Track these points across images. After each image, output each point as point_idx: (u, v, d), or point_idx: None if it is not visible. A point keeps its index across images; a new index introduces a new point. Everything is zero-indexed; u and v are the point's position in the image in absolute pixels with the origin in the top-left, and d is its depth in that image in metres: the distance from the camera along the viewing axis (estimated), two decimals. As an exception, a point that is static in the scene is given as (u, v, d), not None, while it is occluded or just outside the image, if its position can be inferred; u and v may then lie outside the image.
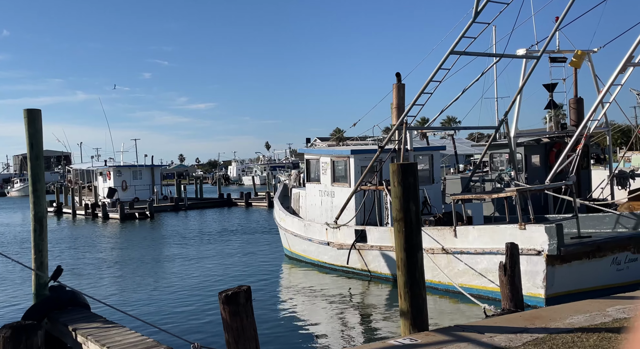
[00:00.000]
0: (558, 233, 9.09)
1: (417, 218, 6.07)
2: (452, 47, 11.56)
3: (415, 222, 6.06)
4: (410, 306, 5.97)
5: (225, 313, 4.91)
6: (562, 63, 17.06)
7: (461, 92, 13.80)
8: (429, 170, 15.30)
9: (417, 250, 6.05)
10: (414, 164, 6.20)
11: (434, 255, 11.24)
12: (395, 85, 14.56)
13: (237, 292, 4.94)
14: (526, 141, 16.46)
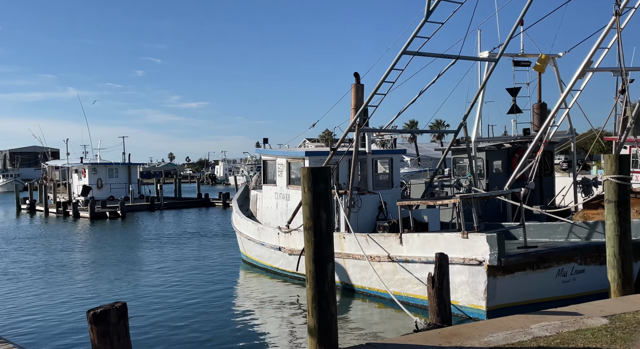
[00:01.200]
0: (499, 243, 8.73)
1: (327, 227, 5.63)
2: (405, 47, 11.19)
3: (326, 231, 5.62)
4: (318, 322, 5.52)
5: (93, 334, 4.40)
6: (526, 67, 16.86)
7: (418, 94, 13.47)
8: (389, 174, 14.93)
9: (327, 261, 5.60)
10: (327, 169, 5.76)
11: (380, 262, 10.84)
12: (354, 85, 14.17)
13: (108, 310, 4.43)
14: (487, 146, 16.18)
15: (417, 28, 10.95)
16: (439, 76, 12.99)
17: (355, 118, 12.19)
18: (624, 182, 7.98)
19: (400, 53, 11.20)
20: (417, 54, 11.48)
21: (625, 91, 13.47)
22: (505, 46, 12.77)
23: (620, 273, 7.93)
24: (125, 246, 21.91)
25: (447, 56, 12.21)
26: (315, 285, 5.55)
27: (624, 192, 7.98)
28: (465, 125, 14.00)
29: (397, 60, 11.33)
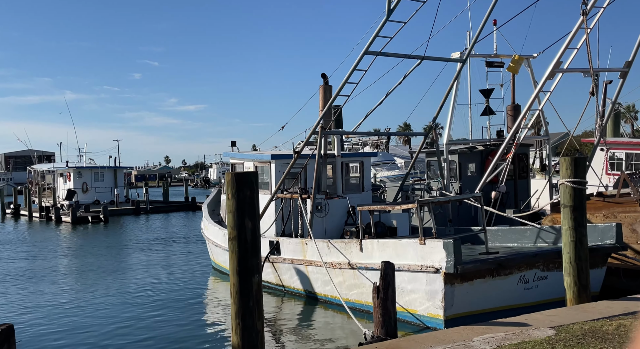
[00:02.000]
0: (455, 250, 8.45)
1: (253, 237, 5.32)
2: (367, 47, 10.91)
3: (251, 241, 5.30)
4: (242, 340, 5.20)
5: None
6: (499, 68, 16.67)
7: (385, 96, 13.18)
8: (359, 177, 14.63)
9: (252, 274, 5.29)
10: (252, 174, 5.44)
11: (342, 270, 10.53)
12: (322, 86, 13.87)
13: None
14: (460, 148, 15.95)
15: (379, 27, 10.69)
16: (404, 77, 12.74)
17: (319, 121, 11.89)
18: (579, 186, 7.74)
19: (362, 53, 10.93)
20: (380, 54, 11.21)
21: (595, 92, 13.28)
22: (471, 47, 12.53)
23: (576, 281, 7.69)
24: (95, 253, 21.42)
25: (411, 56, 11.95)
26: (239, 300, 5.23)
27: (580, 197, 7.74)
28: (434, 127, 13.74)
29: (359, 60, 11.06)
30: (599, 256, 9.88)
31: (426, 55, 11.99)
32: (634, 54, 14.03)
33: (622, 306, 7.07)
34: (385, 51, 11.47)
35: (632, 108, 63.22)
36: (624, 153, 18.69)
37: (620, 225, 9.85)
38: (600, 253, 9.73)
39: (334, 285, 10.35)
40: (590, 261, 10.04)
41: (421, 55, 11.93)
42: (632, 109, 62.92)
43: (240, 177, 5.33)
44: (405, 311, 9.42)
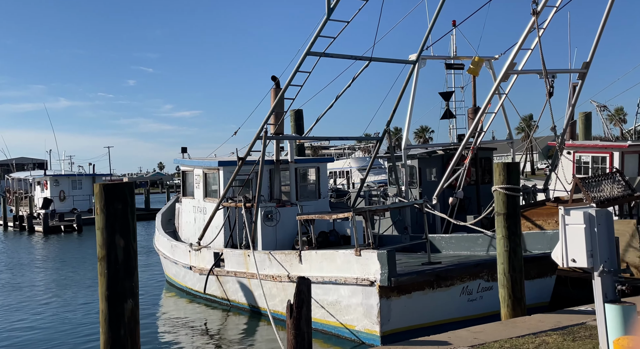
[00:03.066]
0: (389, 261, 7.95)
1: (126, 257, 4.78)
2: (308, 48, 10.44)
3: (123, 262, 4.77)
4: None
5: None
6: (459, 70, 16.32)
7: (335, 99, 12.71)
8: (315, 184, 14.13)
9: (124, 299, 4.75)
10: (125, 185, 4.90)
11: (282, 283, 10.00)
12: (273, 89, 13.37)
13: None
14: (419, 153, 15.54)
15: (319, 27, 10.23)
16: (353, 79, 12.28)
17: (263, 125, 11.36)
18: (512, 193, 7.31)
19: (304, 54, 10.46)
20: (323, 55, 10.75)
21: (551, 94, 12.94)
22: (421, 48, 12.12)
23: (510, 293, 7.25)
24: (43, 267, 20.60)
25: (358, 58, 11.50)
26: (108, 329, 4.69)
27: (513, 204, 7.32)
28: (389, 131, 13.30)
29: (301, 62, 10.58)
30: (548, 264, 9.47)
31: (374, 57, 11.55)
32: (591, 55, 13.74)
33: (554, 320, 6.65)
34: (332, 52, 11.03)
35: (621, 111, 63.56)
36: (590, 157, 18.41)
37: (568, 231, 9.45)
38: (548, 261, 9.29)
39: (276, 299, 9.81)
40: (538, 270, 9.70)
41: (369, 57, 11.49)
42: (620, 112, 63.24)
43: (110, 189, 4.79)
44: (342, 326, 8.91)
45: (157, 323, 11.73)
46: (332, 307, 9.02)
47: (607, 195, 10.90)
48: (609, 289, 5.10)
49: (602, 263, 5.09)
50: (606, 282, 5.11)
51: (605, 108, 43.17)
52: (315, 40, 10.34)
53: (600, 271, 5.04)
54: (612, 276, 5.16)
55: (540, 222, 11.11)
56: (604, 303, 5.04)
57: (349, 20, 10.49)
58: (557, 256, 5.26)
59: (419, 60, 15.32)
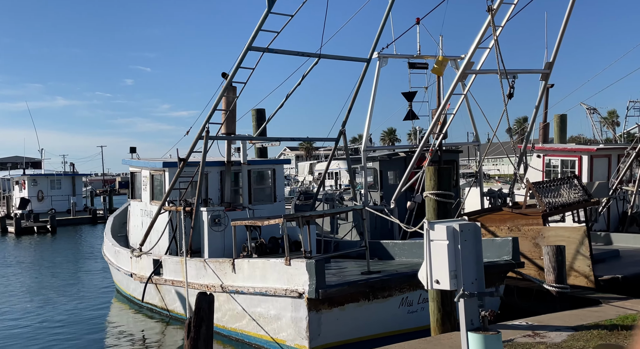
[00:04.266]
0: (317, 271, 7.40)
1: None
2: (249, 43, 9.86)
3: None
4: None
5: None
6: (423, 70, 15.85)
7: (285, 98, 12.14)
8: (270, 186, 13.55)
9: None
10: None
11: (216, 293, 9.39)
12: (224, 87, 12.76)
13: None
14: (380, 155, 15.04)
15: (261, 21, 9.64)
16: (303, 77, 11.73)
17: (205, 124, 10.74)
18: (443, 199, 6.80)
19: (245, 49, 9.87)
20: (267, 51, 10.18)
21: (511, 95, 12.49)
22: (374, 46, 11.59)
23: (440, 307, 6.73)
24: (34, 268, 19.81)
25: (306, 54, 10.93)
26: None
27: (445, 211, 6.80)
28: (344, 132, 12.76)
29: (243, 57, 9.98)
30: (495, 273, 8.97)
31: (323, 54, 11.00)
32: (554, 55, 13.33)
33: (482, 339, 6.13)
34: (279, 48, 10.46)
35: (614, 114, 63.52)
36: (560, 161, 18.04)
37: (517, 239, 8.96)
38: (494, 270, 8.82)
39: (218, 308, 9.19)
40: (486, 280, 9.20)
41: (317, 53, 10.93)
42: (614, 115, 63.20)
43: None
44: (273, 341, 8.34)
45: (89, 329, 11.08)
46: (264, 320, 8.45)
47: (563, 201, 10.47)
48: (475, 315, 4.49)
49: (468, 285, 4.47)
50: (470, 307, 4.50)
51: (595, 111, 42.90)
52: (257, 34, 9.76)
53: (461, 294, 4.41)
54: (477, 300, 4.55)
55: (493, 228, 10.64)
56: (467, 331, 4.43)
57: (293, 14, 9.94)
58: (422, 276, 4.65)
59: (381, 59, 14.86)
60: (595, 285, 8.93)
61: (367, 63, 11.67)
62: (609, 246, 12.35)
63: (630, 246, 12.29)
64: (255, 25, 9.61)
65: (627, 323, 6.29)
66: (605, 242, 12.84)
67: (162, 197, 12.32)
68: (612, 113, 64.46)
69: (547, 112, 23.63)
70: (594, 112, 43.28)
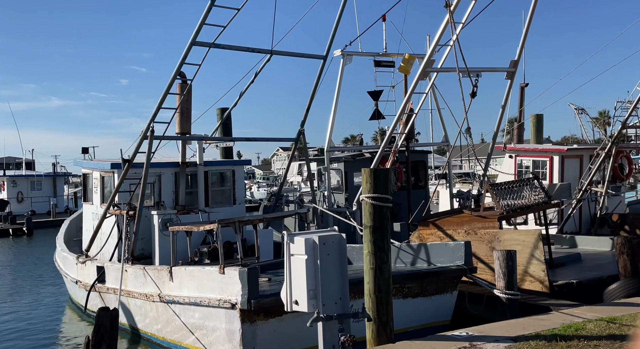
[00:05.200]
0: (250, 280, 6.94)
1: None
2: (193, 37, 9.39)
3: None
4: None
5: None
6: (390, 68, 15.47)
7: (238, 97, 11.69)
8: (230, 188, 13.05)
9: None
10: None
11: (154, 302, 8.90)
12: (179, 85, 12.26)
13: None
14: (345, 156, 14.64)
15: (204, 14, 9.17)
16: (256, 75, 11.29)
17: (149, 123, 10.23)
18: (380, 203, 6.37)
19: (189, 44, 9.39)
20: (212, 46, 9.72)
21: (474, 94, 12.14)
22: (330, 43, 11.18)
23: (375, 317, 6.30)
24: None
25: (256, 50, 10.47)
26: None
27: (381, 215, 6.38)
28: (303, 131, 12.32)
29: (187, 52, 9.50)
30: (448, 279, 8.60)
31: (275, 50, 10.55)
32: (519, 53, 13.02)
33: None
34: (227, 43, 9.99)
35: (605, 114, 63.61)
36: (531, 161, 17.77)
37: (469, 243, 8.59)
38: (445, 276, 8.44)
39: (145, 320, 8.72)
40: (438, 286, 8.80)
41: (269, 50, 10.47)
42: (605, 114, 63.27)
43: None
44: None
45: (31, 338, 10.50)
46: (201, 332, 7.97)
47: (522, 203, 10.12)
48: (335, 339, 4.00)
49: (330, 306, 3.95)
50: (330, 331, 4.00)
51: (583, 111, 42.49)
52: (200, 28, 9.29)
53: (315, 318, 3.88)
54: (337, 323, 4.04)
55: (450, 232, 10.26)
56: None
57: (240, 8, 9.48)
58: (283, 296, 4.14)
59: (345, 57, 14.45)
60: (550, 290, 8.58)
61: (323, 60, 11.24)
62: (574, 250, 12.06)
63: (595, 249, 12.00)
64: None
65: (569, 332, 5.92)
66: (571, 245, 12.54)
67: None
68: (603, 113, 64.60)
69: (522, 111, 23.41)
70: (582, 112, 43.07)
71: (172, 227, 9.39)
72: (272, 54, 10.60)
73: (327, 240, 4.02)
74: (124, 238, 9.96)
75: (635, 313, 6.60)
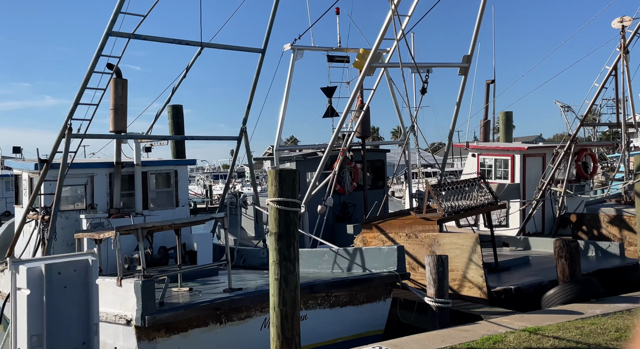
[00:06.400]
0: (144, 294, 6.32)
1: None
2: (109, 27, 8.73)
3: None
4: None
5: None
6: (345, 63, 14.96)
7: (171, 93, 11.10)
8: (172, 190, 12.39)
9: None
10: None
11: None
12: (113, 80, 11.56)
13: None
14: (295, 155, 14.09)
15: (119, 2, 8.52)
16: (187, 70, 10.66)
17: (67, 121, 9.52)
18: (286, 208, 5.82)
19: (105, 35, 8.73)
20: (132, 37, 9.08)
21: (425, 90, 11.67)
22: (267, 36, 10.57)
23: (279, 333, 5.75)
24: None
25: (182, 42, 9.83)
26: None
27: (287, 221, 5.83)
28: (245, 130, 11.72)
29: (103, 43, 8.84)
30: (381, 286, 8.10)
31: (206, 43, 9.93)
32: (472, 48, 12.60)
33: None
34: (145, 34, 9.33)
35: (594, 111, 63.82)
36: (494, 160, 17.41)
37: (402, 248, 8.10)
38: (375, 283, 7.93)
39: None
40: (369, 293, 8.29)
41: (198, 42, 9.85)
42: (594, 112, 63.55)
43: None
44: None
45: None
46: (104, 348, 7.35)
47: (465, 204, 9.66)
48: None
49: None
50: None
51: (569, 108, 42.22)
52: (116, 18, 8.64)
53: None
54: None
55: (392, 235, 9.78)
56: None
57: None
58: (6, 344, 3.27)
59: (295, 51, 13.88)
60: (488, 296, 8.13)
61: (262, 54, 10.64)
62: (526, 252, 11.67)
63: (548, 252, 11.62)
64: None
65: (486, 346, 5.45)
66: (525, 247, 12.16)
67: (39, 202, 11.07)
68: (592, 111, 64.73)
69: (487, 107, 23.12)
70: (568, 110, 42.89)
71: (77, 234, 8.70)
72: (202, 46, 9.98)
73: (65, 268, 3.34)
74: (39, 244, 9.26)
75: (563, 322, 6.16)
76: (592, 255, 10.73)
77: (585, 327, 5.82)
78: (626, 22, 13.06)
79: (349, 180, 14.75)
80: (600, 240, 12.01)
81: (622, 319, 6.08)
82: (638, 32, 13.68)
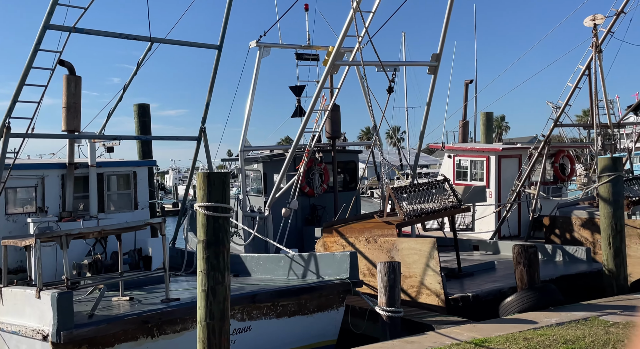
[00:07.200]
0: (60, 307, 5.85)
1: None
2: (46, 20, 8.23)
3: None
4: None
5: None
6: (314, 62, 14.56)
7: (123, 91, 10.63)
8: (130, 192, 11.91)
9: None
10: None
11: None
12: (65, 77, 11.04)
13: None
14: (263, 157, 13.67)
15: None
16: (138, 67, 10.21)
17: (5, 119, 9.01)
18: (214, 213, 5.40)
19: (41, 28, 8.23)
20: (73, 31, 8.60)
21: (391, 90, 11.31)
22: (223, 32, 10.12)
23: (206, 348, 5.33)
24: None
25: (129, 36, 9.34)
26: None
27: (215, 228, 5.41)
28: (204, 130, 11.26)
29: (41, 37, 8.31)
30: (333, 294, 7.70)
31: (156, 38, 9.47)
32: (440, 47, 12.27)
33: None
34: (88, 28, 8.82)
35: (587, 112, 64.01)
36: (469, 161, 17.11)
37: (355, 254, 7.70)
38: (325, 291, 7.53)
39: None
40: (320, 302, 7.86)
41: (148, 37, 9.38)
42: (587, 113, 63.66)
43: None
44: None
45: None
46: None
47: (428, 208, 9.30)
48: None
49: None
50: None
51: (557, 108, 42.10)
52: (53, 9, 8.16)
53: None
54: None
55: (352, 239, 9.39)
56: None
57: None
58: None
59: (262, 48, 13.47)
60: (445, 304, 7.77)
61: (218, 50, 10.19)
62: (495, 256, 11.35)
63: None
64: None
65: (427, 363, 5.08)
66: (494, 251, 11.84)
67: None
68: (587, 112, 64.97)
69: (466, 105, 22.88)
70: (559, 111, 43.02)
71: (4, 241, 8.18)
72: (152, 41, 9.51)
73: None
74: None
75: (513, 333, 5.81)
76: (559, 259, 10.43)
77: (534, 338, 5.47)
78: (598, 21, 12.82)
79: (318, 181, 14.36)
80: (572, 243, 11.73)
81: (574, 329, 5.74)
82: (611, 30, 13.46)
